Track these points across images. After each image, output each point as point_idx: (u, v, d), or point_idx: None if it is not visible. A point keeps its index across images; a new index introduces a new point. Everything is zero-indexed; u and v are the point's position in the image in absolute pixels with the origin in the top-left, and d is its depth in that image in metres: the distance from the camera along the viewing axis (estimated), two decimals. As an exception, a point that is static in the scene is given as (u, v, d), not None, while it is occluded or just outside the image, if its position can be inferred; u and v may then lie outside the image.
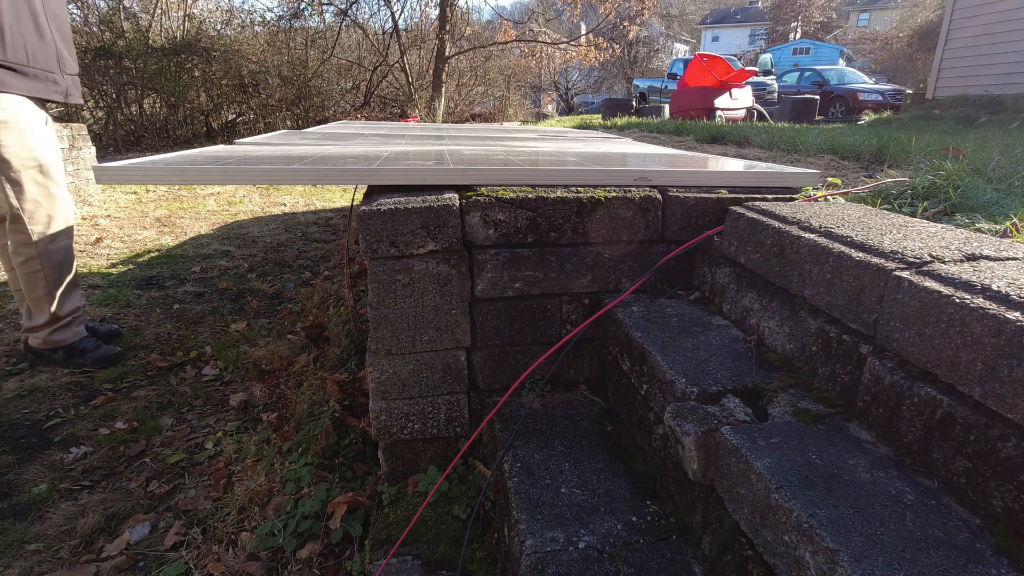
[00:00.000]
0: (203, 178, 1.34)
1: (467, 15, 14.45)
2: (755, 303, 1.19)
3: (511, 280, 1.32)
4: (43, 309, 2.10)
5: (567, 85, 26.96)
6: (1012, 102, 7.24)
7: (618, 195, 1.34)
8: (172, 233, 4.21)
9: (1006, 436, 0.66)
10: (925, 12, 20.79)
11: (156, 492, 1.55)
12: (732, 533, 0.84)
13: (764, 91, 13.91)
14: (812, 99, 10.17)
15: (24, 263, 2.04)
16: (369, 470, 1.51)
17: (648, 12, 16.18)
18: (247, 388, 2.07)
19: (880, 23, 29.46)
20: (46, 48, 1.98)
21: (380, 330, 1.27)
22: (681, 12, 36.20)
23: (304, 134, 2.89)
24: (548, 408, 1.35)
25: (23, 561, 1.31)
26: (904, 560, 0.61)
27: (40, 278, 2.06)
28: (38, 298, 2.09)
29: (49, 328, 2.12)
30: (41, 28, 1.95)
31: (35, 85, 1.97)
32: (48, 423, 1.84)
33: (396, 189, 1.32)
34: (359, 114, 11.67)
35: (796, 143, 3.96)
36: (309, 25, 12.04)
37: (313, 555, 1.29)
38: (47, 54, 1.99)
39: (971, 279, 0.77)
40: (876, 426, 0.85)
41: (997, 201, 1.56)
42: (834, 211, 1.24)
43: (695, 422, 0.89)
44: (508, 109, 15.89)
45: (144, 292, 2.99)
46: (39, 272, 2.06)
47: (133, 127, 9.02)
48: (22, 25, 1.88)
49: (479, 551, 1.14)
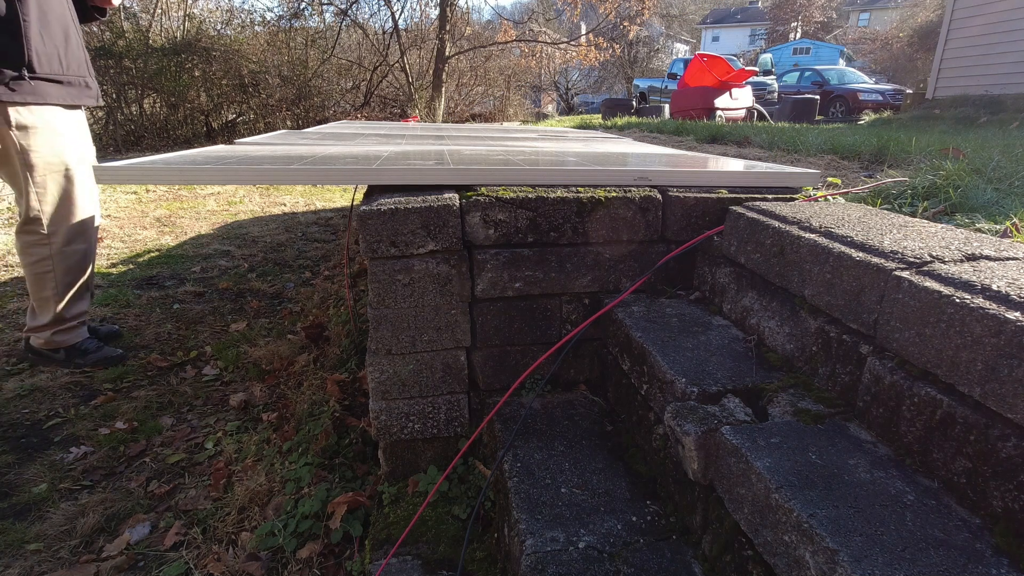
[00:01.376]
0: (203, 178, 1.34)
1: (467, 15, 14.46)
2: (755, 303, 1.19)
3: (511, 280, 1.32)
4: (48, 309, 2.09)
5: (567, 85, 26.96)
6: (1012, 102, 7.24)
7: (618, 195, 1.34)
8: (172, 233, 4.21)
9: (1006, 436, 0.66)
10: (925, 12, 20.80)
11: (156, 492, 1.55)
12: (732, 533, 0.84)
13: (764, 91, 13.90)
14: (812, 99, 10.17)
15: (35, 263, 2.05)
16: (369, 470, 1.51)
17: (648, 12, 16.18)
18: (247, 388, 2.07)
19: (880, 23, 29.46)
20: (77, 54, 2.03)
21: (380, 330, 1.27)
22: (681, 12, 36.21)
23: (304, 134, 2.89)
24: (548, 408, 1.35)
25: (23, 561, 1.31)
26: (904, 560, 0.61)
27: (50, 279, 2.06)
28: (45, 299, 2.09)
29: (52, 329, 2.12)
30: (69, 36, 1.99)
31: (70, 92, 2.01)
32: (48, 423, 1.84)
33: (396, 189, 1.32)
34: (359, 114, 11.67)
35: (796, 143, 3.96)
36: (309, 25, 12.05)
37: (313, 555, 1.29)
38: (78, 60, 2.03)
39: (971, 279, 0.77)
40: (876, 426, 0.85)
41: (997, 201, 1.56)
42: (834, 211, 1.24)
43: (695, 422, 0.89)
44: (508, 109, 15.89)
45: (144, 292, 2.99)
46: (50, 273, 2.06)
47: (133, 127, 9.02)
48: (52, 35, 1.92)
49: (479, 551, 1.14)
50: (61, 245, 2.05)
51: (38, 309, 2.11)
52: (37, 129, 1.92)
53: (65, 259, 2.07)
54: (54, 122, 1.97)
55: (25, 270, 2.08)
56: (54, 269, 2.06)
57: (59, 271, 2.06)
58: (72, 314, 2.14)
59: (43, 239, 2.02)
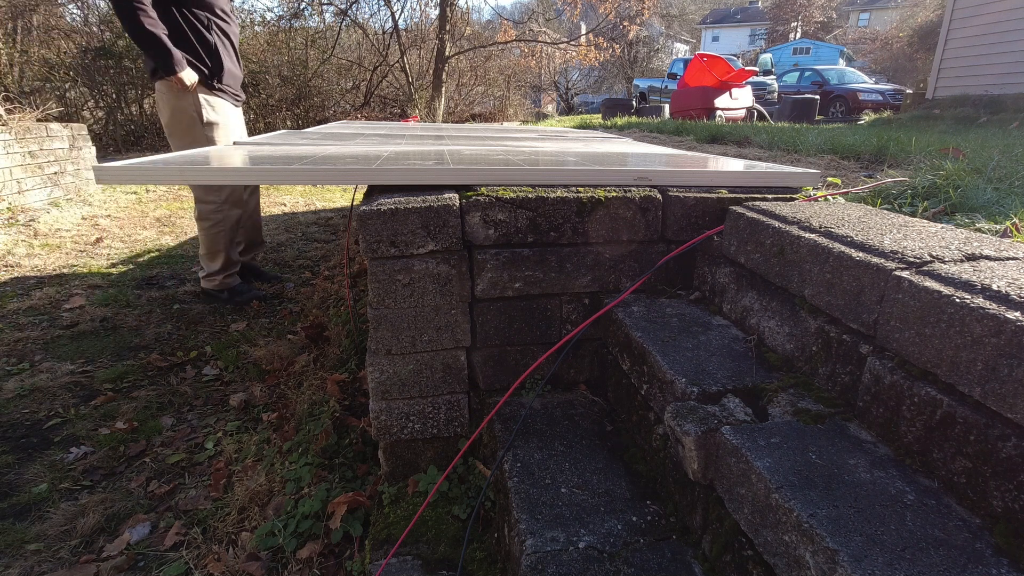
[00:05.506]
0: (203, 178, 1.34)
1: (467, 15, 14.45)
2: (755, 303, 1.19)
3: (511, 280, 1.32)
4: (219, 260, 2.81)
5: (567, 85, 26.95)
6: (1012, 102, 7.24)
7: (618, 195, 1.34)
8: (172, 233, 4.21)
9: (1006, 436, 0.66)
10: (925, 12, 20.80)
11: (156, 492, 1.55)
12: (732, 533, 0.84)
13: (764, 91, 13.91)
14: (812, 99, 10.16)
15: (212, 226, 2.74)
16: (369, 470, 1.51)
17: (648, 12, 16.20)
18: (247, 388, 2.07)
19: (880, 23, 29.47)
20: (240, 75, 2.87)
21: (380, 330, 1.27)
22: (681, 12, 36.21)
23: (304, 134, 2.88)
24: (548, 408, 1.35)
25: (23, 561, 1.31)
26: (904, 560, 0.61)
27: (222, 236, 2.77)
28: (217, 251, 2.79)
29: (224, 273, 2.84)
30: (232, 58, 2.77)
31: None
32: (48, 423, 1.84)
33: (396, 189, 1.32)
34: (359, 114, 11.67)
35: (796, 143, 3.96)
36: (309, 25, 12.04)
37: (313, 555, 1.29)
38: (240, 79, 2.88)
39: (971, 279, 0.77)
40: (876, 426, 0.85)
41: (997, 201, 1.56)
42: (834, 211, 1.24)
43: (695, 422, 0.89)
44: (508, 109, 15.89)
45: (144, 292, 2.99)
46: (222, 232, 2.76)
47: (133, 127, 9.01)
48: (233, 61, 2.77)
49: (479, 551, 1.14)
50: (228, 210, 2.75)
51: (212, 260, 2.81)
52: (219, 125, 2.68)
53: (227, 220, 2.77)
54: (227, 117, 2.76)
55: (202, 231, 2.76)
56: (225, 229, 2.77)
57: (227, 229, 2.78)
58: (235, 259, 2.87)
59: (219, 207, 2.72)
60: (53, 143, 4.70)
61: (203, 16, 2.58)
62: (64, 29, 9.38)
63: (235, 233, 2.84)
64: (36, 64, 8.15)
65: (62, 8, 9.89)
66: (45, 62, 8.20)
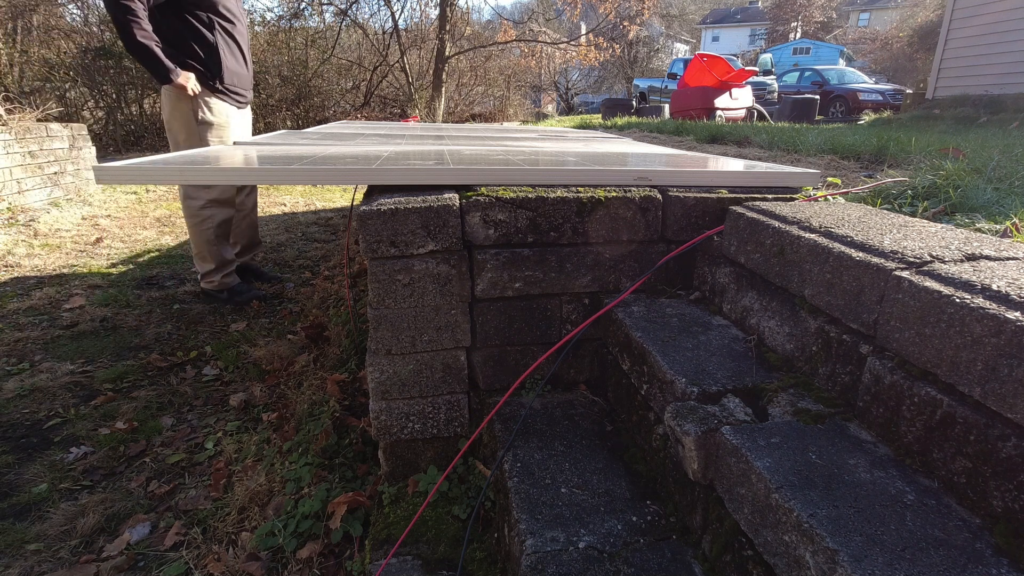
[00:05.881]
0: (203, 178, 1.35)
1: (467, 15, 14.45)
2: (755, 303, 1.19)
3: (511, 280, 1.32)
4: (209, 259, 2.79)
5: (567, 85, 26.95)
6: (1012, 102, 7.24)
7: (618, 195, 1.34)
8: (172, 233, 4.21)
9: (1006, 436, 0.66)
10: (925, 12, 20.80)
11: (156, 492, 1.55)
12: (732, 533, 0.84)
13: (764, 91, 13.90)
14: (812, 99, 10.16)
15: (198, 223, 2.73)
16: (369, 470, 1.51)
17: (648, 12, 16.20)
18: (247, 388, 2.07)
19: (880, 23, 29.46)
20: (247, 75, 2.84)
21: (380, 330, 1.27)
22: (681, 12, 36.20)
23: (304, 134, 2.88)
24: (548, 408, 1.35)
25: (23, 561, 1.31)
26: (904, 560, 0.61)
27: (208, 234, 2.74)
28: (205, 250, 2.77)
29: (221, 272, 2.83)
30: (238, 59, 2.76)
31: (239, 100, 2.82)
32: (48, 423, 1.84)
33: (396, 189, 1.32)
34: (359, 114, 11.66)
35: (796, 143, 3.96)
36: (309, 25, 12.04)
37: (313, 555, 1.29)
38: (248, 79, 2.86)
39: (971, 279, 0.77)
40: (876, 426, 0.85)
41: (997, 201, 1.56)
42: (834, 211, 1.24)
43: (695, 422, 0.89)
44: (508, 109, 15.88)
45: (144, 292, 2.99)
46: (208, 230, 2.73)
47: (133, 127, 9.01)
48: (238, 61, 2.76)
49: (479, 551, 1.14)
50: (214, 209, 2.73)
51: (203, 261, 2.80)
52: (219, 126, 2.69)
53: (214, 218, 2.75)
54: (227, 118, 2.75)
55: (189, 228, 2.76)
56: (211, 227, 2.75)
57: (213, 227, 2.76)
58: (229, 258, 2.85)
59: (205, 204, 2.70)
60: (53, 143, 4.70)
61: (204, 16, 2.56)
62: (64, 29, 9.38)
63: (223, 232, 2.81)
64: (36, 64, 8.15)
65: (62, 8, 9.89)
66: (45, 62, 8.20)
